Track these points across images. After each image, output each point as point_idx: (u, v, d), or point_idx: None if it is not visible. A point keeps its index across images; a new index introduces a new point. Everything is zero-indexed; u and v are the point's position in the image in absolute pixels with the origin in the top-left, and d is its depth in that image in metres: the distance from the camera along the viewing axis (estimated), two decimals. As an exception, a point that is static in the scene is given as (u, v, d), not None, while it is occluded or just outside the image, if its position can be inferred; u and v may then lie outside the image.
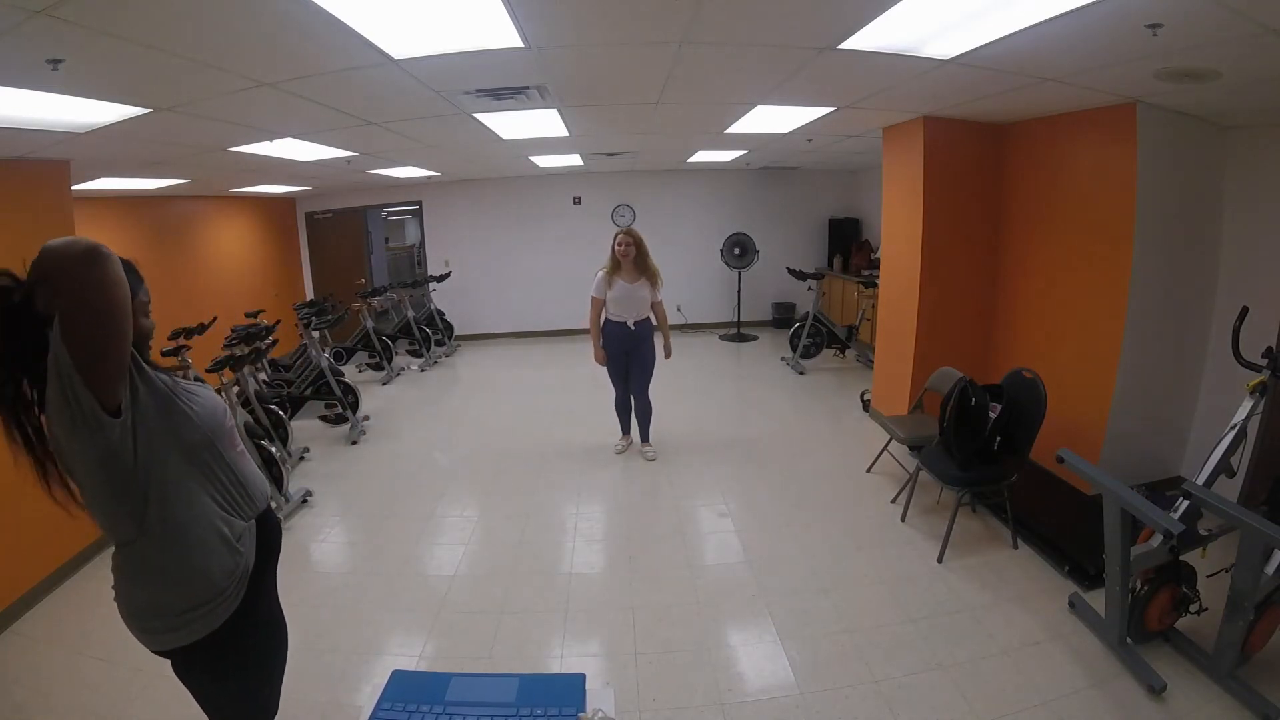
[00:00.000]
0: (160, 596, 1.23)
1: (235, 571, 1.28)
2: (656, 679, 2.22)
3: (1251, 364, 2.28)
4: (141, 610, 1.25)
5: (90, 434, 1.08)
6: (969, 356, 4.08)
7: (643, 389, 4.11)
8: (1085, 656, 2.26)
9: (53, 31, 1.56)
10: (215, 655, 1.29)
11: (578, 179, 7.84)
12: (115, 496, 1.16)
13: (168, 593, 1.23)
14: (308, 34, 1.83)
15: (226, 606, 1.27)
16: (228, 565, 1.27)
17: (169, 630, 1.24)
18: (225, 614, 1.27)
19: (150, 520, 1.18)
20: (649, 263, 3.91)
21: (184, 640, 1.24)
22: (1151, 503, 2.07)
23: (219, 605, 1.26)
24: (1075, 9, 1.76)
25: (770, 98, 3.20)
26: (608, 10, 1.87)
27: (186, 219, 6.05)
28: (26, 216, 3.03)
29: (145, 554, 1.21)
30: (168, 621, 1.23)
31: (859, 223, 8.02)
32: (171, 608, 1.23)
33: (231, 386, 3.66)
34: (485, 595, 2.75)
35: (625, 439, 4.36)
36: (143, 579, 1.23)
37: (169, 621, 1.23)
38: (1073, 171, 3.49)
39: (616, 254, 3.86)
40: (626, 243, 3.84)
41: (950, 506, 3.06)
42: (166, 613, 1.23)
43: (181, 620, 1.23)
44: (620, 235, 3.87)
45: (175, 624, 1.23)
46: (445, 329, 7.67)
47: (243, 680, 1.38)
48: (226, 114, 2.73)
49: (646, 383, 4.10)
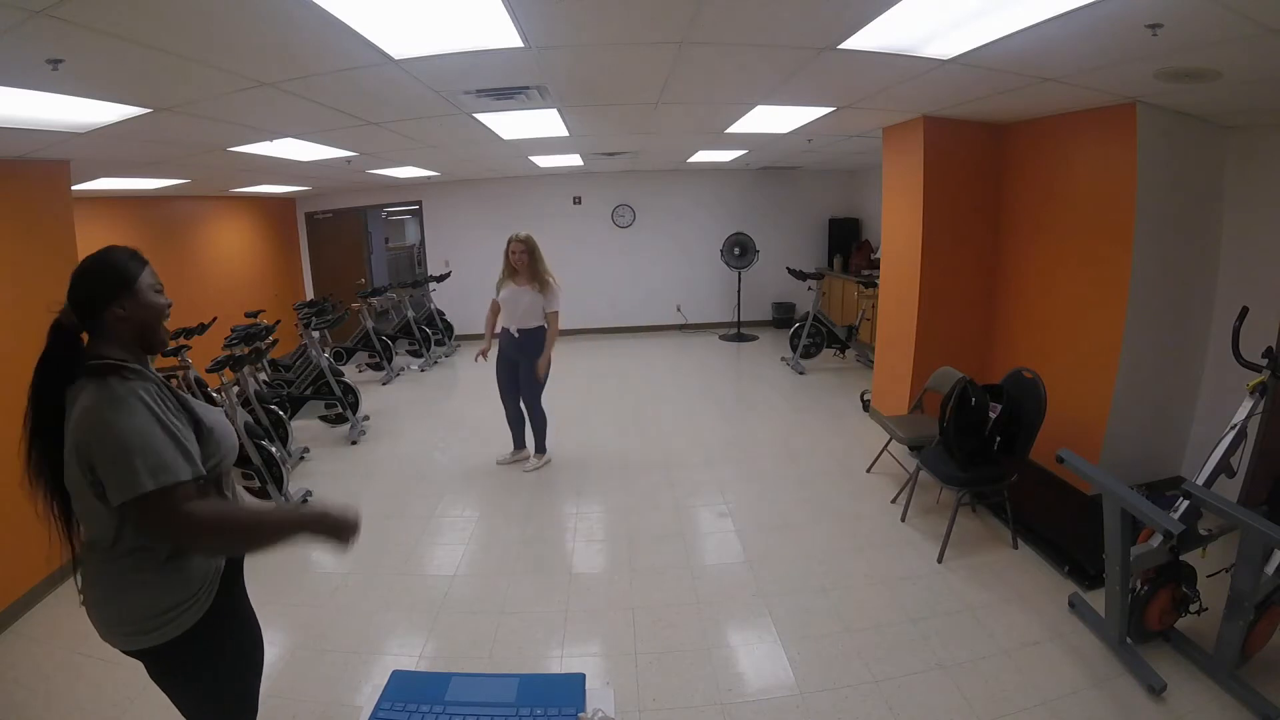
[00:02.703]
0: (137, 599, 1.21)
1: (209, 573, 1.28)
2: (656, 679, 2.22)
3: (1251, 364, 2.28)
4: (117, 612, 1.23)
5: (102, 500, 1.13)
6: (969, 356, 4.08)
7: (532, 398, 3.98)
8: (1085, 656, 2.26)
9: (53, 31, 1.56)
10: (189, 655, 1.27)
11: (578, 179, 7.84)
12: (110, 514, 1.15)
13: (144, 595, 1.21)
14: (308, 34, 1.83)
15: (199, 607, 1.25)
16: (204, 567, 1.27)
17: (141, 633, 1.22)
18: (198, 614, 1.25)
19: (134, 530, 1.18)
20: (540, 269, 3.76)
21: (157, 640, 1.22)
22: (1151, 503, 2.07)
23: (192, 606, 1.24)
24: (1075, 9, 1.76)
25: (770, 98, 3.20)
26: (608, 10, 1.87)
27: (186, 219, 6.05)
28: (26, 216, 3.03)
29: (123, 558, 1.19)
30: (141, 625, 1.22)
31: (859, 223, 8.03)
32: (148, 609, 1.21)
33: (231, 386, 3.66)
34: (485, 595, 2.75)
35: (518, 452, 4.20)
36: (120, 582, 1.22)
37: (143, 625, 1.22)
38: (1073, 171, 3.49)
39: (511, 260, 3.76)
40: (519, 250, 3.73)
41: (950, 506, 3.06)
42: (142, 615, 1.21)
43: (156, 622, 1.21)
44: (513, 242, 3.76)
45: (149, 626, 1.21)
46: (445, 329, 7.67)
47: (216, 680, 1.37)
48: (226, 114, 2.73)
49: (535, 393, 3.96)
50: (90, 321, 1.20)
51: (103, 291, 1.19)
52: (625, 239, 8.23)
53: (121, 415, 1.10)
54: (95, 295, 1.19)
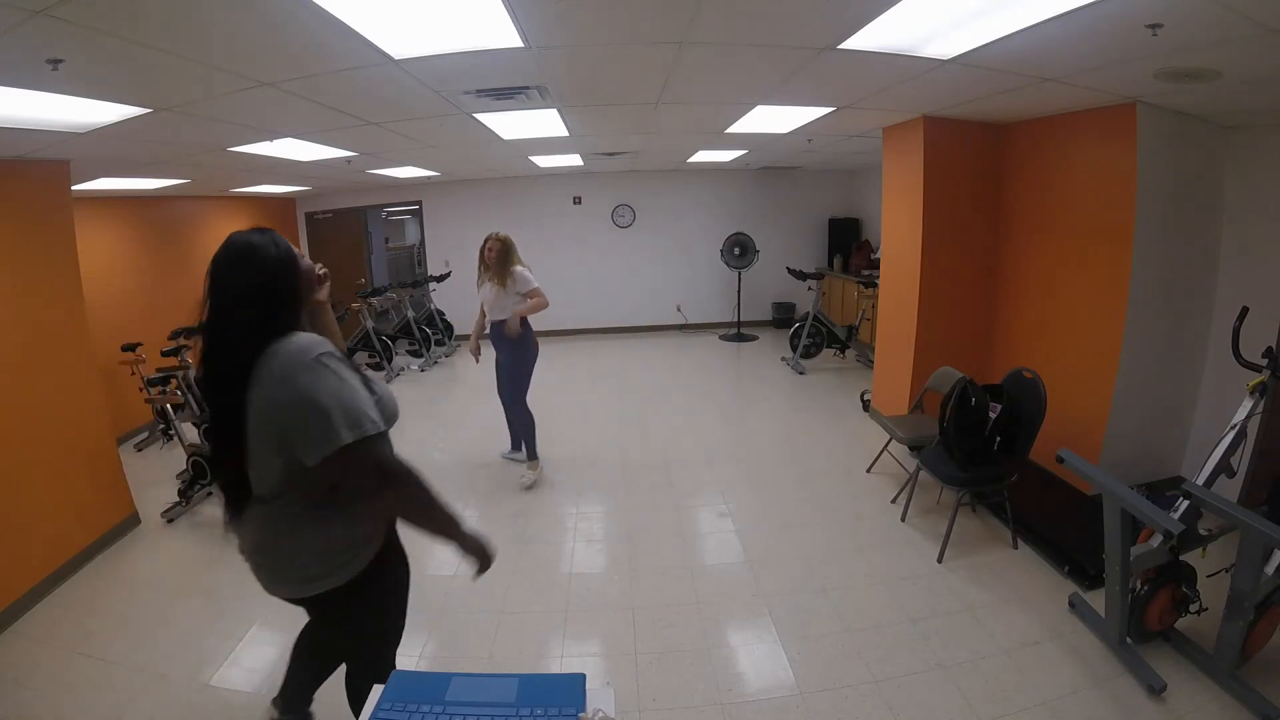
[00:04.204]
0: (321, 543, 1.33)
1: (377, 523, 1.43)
2: (656, 679, 2.22)
3: (1251, 364, 2.28)
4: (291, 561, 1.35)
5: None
6: (969, 356, 4.08)
7: (515, 398, 3.89)
8: (1085, 656, 2.26)
9: (53, 31, 1.56)
10: (364, 591, 1.40)
11: (578, 179, 7.84)
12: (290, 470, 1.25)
13: (330, 538, 1.34)
14: (308, 34, 1.83)
15: (370, 551, 1.40)
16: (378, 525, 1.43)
17: (328, 574, 1.35)
18: (368, 558, 1.40)
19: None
20: (507, 267, 3.68)
21: (340, 581, 1.35)
22: (1151, 503, 2.07)
23: (368, 547, 1.39)
24: (1075, 9, 1.76)
25: (770, 98, 3.20)
26: (608, 10, 1.87)
27: (186, 219, 6.04)
28: (26, 216, 3.03)
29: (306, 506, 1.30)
30: (319, 569, 1.34)
31: (859, 223, 8.02)
32: (322, 556, 1.34)
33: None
34: (485, 595, 2.75)
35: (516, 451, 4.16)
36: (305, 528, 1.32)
37: (321, 568, 1.34)
38: (1073, 171, 3.49)
39: (485, 257, 3.76)
40: (494, 248, 3.73)
41: (950, 506, 3.06)
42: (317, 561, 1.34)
43: (339, 561, 1.35)
44: (490, 239, 3.74)
45: (323, 571, 1.35)
46: (445, 329, 7.67)
47: (382, 613, 1.53)
48: (226, 114, 2.73)
49: (515, 392, 3.87)
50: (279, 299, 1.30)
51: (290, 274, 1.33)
52: (625, 239, 8.23)
53: (316, 378, 1.20)
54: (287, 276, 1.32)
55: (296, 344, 1.23)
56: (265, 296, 1.27)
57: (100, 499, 3.30)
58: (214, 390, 1.29)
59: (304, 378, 1.19)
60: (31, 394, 2.94)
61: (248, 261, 1.29)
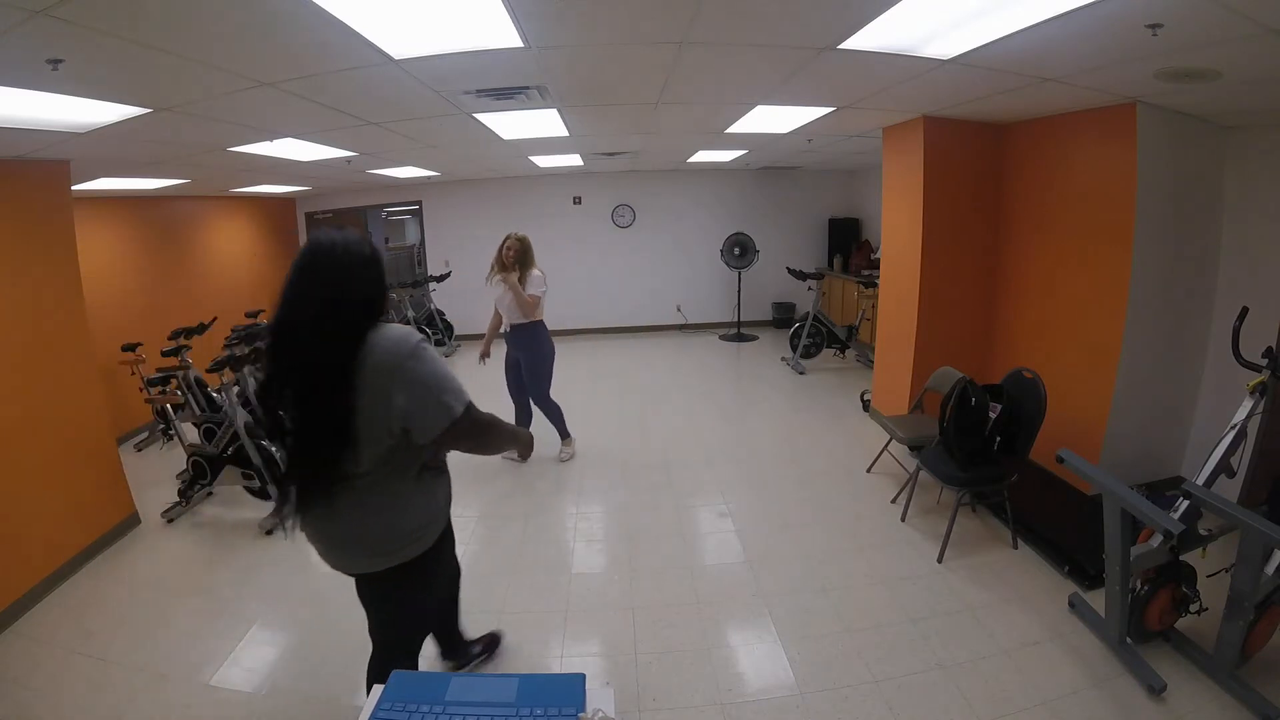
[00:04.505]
0: (400, 520, 1.49)
1: (449, 496, 1.66)
2: (656, 679, 2.22)
3: (1251, 364, 2.28)
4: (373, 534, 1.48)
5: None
6: (969, 356, 4.08)
7: (537, 394, 4.08)
8: (1085, 656, 2.26)
9: (53, 31, 1.56)
10: (426, 566, 1.58)
11: (578, 179, 7.84)
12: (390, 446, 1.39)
13: (408, 516, 1.50)
14: (308, 34, 1.83)
15: (439, 526, 1.60)
16: (446, 491, 1.65)
17: (401, 549, 1.51)
18: (439, 531, 1.60)
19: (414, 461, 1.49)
20: (525, 268, 3.82)
21: (409, 555, 1.52)
22: (1151, 503, 2.07)
23: (436, 525, 1.58)
24: (1075, 9, 1.76)
25: (770, 98, 3.20)
26: (608, 10, 1.87)
27: (187, 219, 6.05)
28: (26, 216, 3.03)
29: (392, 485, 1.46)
30: (395, 543, 1.50)
31: (859, 223, 8.02)
32: (407, 528, 1.50)
33: (232, 387, 3.66)
34: (485, 595, 2.74)
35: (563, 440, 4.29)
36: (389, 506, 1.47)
37: (398, 542, 1.50)
38: (1073, 171, 3.49)
39: (503, 256, 3.84)
40: (514, 247, 3.82)
41: (950, 506, 3.06)
42: (396, 535, 1.49)
43: (412, 537, 1.52)
44: (510, 238, 3.85)
45: (406, 542, 1.51)
46: (445, 329, 7.67)
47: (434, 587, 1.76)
48: (226, 114, 2.73)
49: (537, 387, 4.06)
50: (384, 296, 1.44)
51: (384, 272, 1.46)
52: (625, 239, 8.23)
53: (423, 364, 1.36)
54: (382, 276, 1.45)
55: (394, 335, 1.36)
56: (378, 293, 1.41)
57: (100, 499, 3.31)
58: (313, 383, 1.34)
59: (413, 365, 1.34)
60: (31, 394, 2.94)
61: (367, 263, 1.40)
